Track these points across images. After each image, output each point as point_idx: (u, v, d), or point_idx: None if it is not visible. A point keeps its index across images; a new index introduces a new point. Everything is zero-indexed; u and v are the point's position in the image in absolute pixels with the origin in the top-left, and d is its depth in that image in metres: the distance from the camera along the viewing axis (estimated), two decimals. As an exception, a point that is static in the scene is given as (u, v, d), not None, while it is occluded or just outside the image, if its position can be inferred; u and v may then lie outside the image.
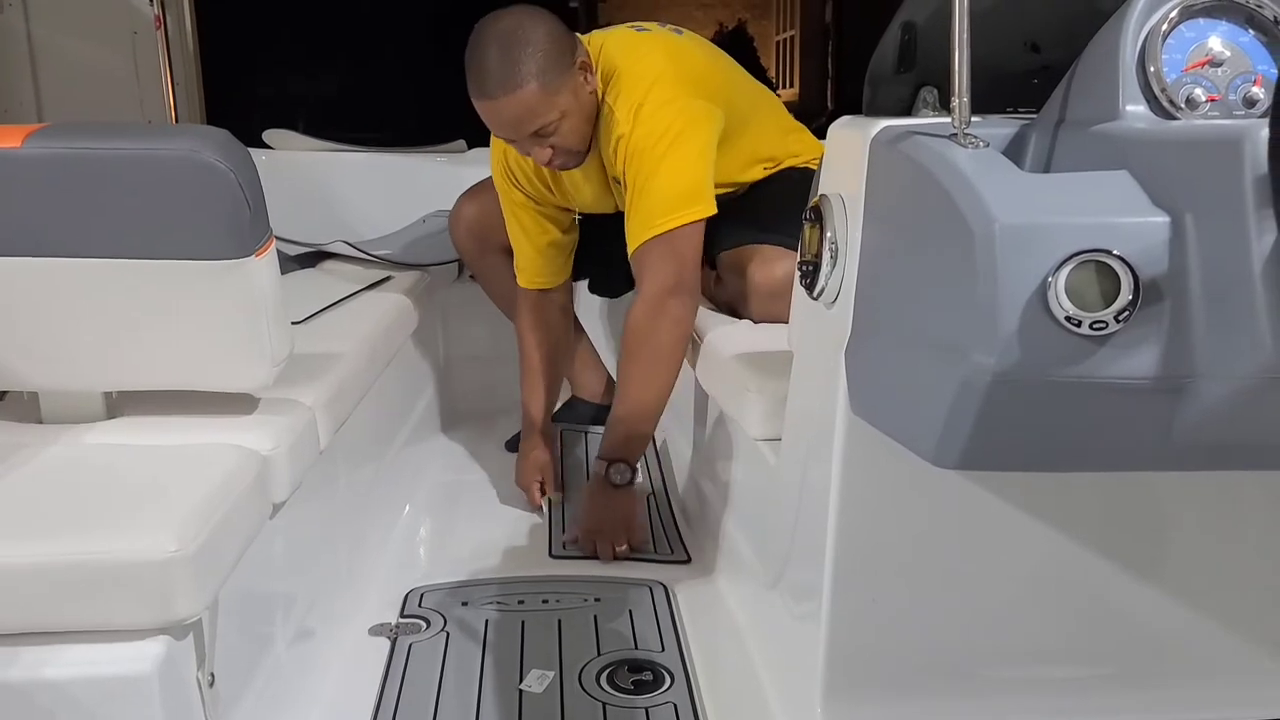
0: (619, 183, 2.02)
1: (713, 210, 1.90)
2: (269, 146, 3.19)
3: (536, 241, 2.23)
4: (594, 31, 2.11)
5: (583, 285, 2.52)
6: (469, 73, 1.86)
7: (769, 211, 2.04)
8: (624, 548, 1.97)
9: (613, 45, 2.00)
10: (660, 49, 2.00)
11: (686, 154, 1.88)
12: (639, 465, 2.09)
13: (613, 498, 1.99)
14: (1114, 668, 1.28)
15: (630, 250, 1.92)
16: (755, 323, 1.99)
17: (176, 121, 3.30)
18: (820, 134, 2.16)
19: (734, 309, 2.04)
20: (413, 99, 4.32)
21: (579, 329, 2.55)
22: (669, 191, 1.87)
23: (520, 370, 2.34)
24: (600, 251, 2.32)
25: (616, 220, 2.19)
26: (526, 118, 1.87)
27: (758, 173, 2.12)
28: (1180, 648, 1.27)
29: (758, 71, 2.24)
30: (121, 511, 1.18)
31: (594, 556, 1.97)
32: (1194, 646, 1.26)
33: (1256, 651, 1.26)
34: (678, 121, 1.88)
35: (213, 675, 1.20)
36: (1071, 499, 1.21)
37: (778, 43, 11.71)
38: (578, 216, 2.24)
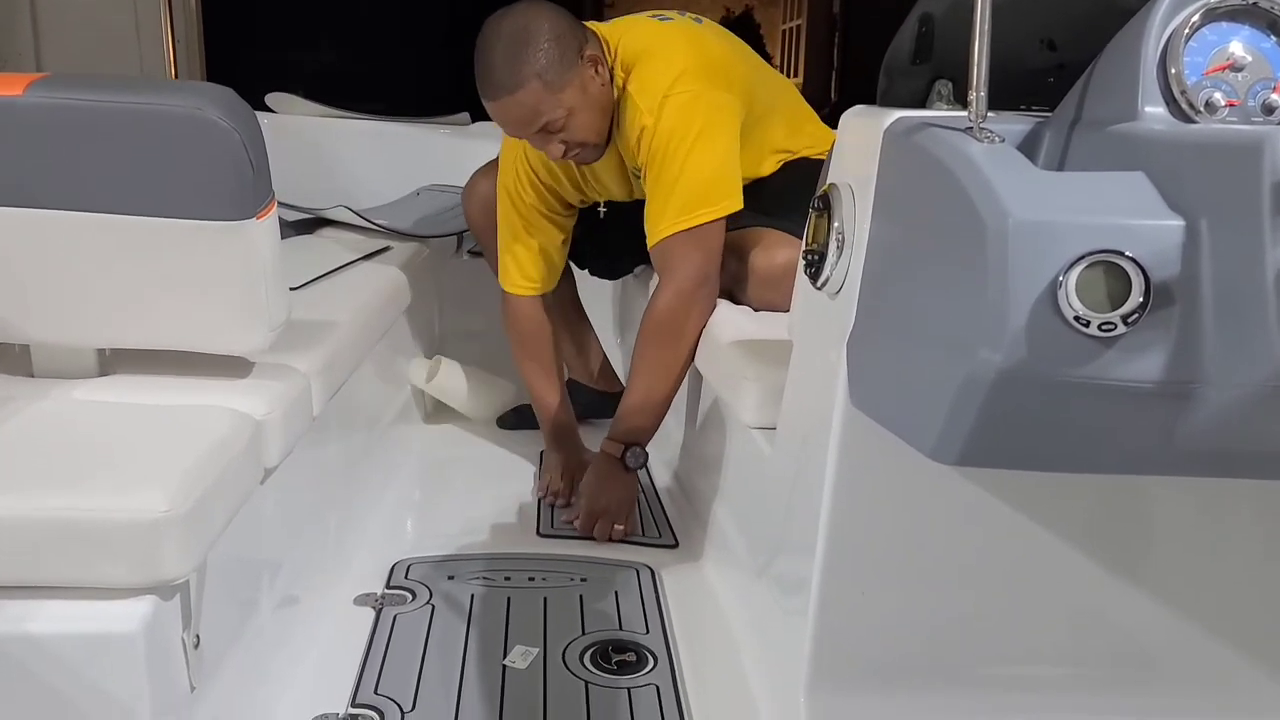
0: (639, 175, 2.01)
1: (739, 205, 1.91)
2: (271, 110, 3.16)
3: (535, 244, 2.18)
4: (616, 20, 2.09)
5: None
6: (476, 74, 1.88)
7: (774, 197, 2.03)
8: (621, 528, 1.98)
9: (635, 34, 1.99)
10: (684, 40, 1.98)
11: (714, 149, 1.89)
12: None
13: (622, 480, 2.01)
14: (1101, 669, 1.28)
15: (653, 241, 1.93)
16: (753, 309, 1.99)
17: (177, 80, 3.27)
18: (830, 124, 2.15)
19: (732, 294, 2.03)
20: (416, 70, 4.29)
21: (583, 315, 2.54)
22: (697, 185, 1.88)
23: (526, 377, 2.29)
24: (601, 240, 2.31)
25: (621, 209, 2.17)
26: (530, 117, 1.88)
27: (772, 165, 2.11)
28: (1168, 652, 1.27)
29: (764, 59, 2.23)
30: (112, 470, 1.17)
31: (589, 536, 1.97)
32: (1181, 651, 1.27)
33: (1245, 658, 1.26)
34: (702, 116, 1.88)
35: (198, 637, 1.20)
36: (1067, 500, 1.21)
37: (783, 31, 11.65)
38: (580, 205, 2.22)
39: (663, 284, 1.94)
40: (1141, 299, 0.85)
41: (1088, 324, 0.86)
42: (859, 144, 1.18)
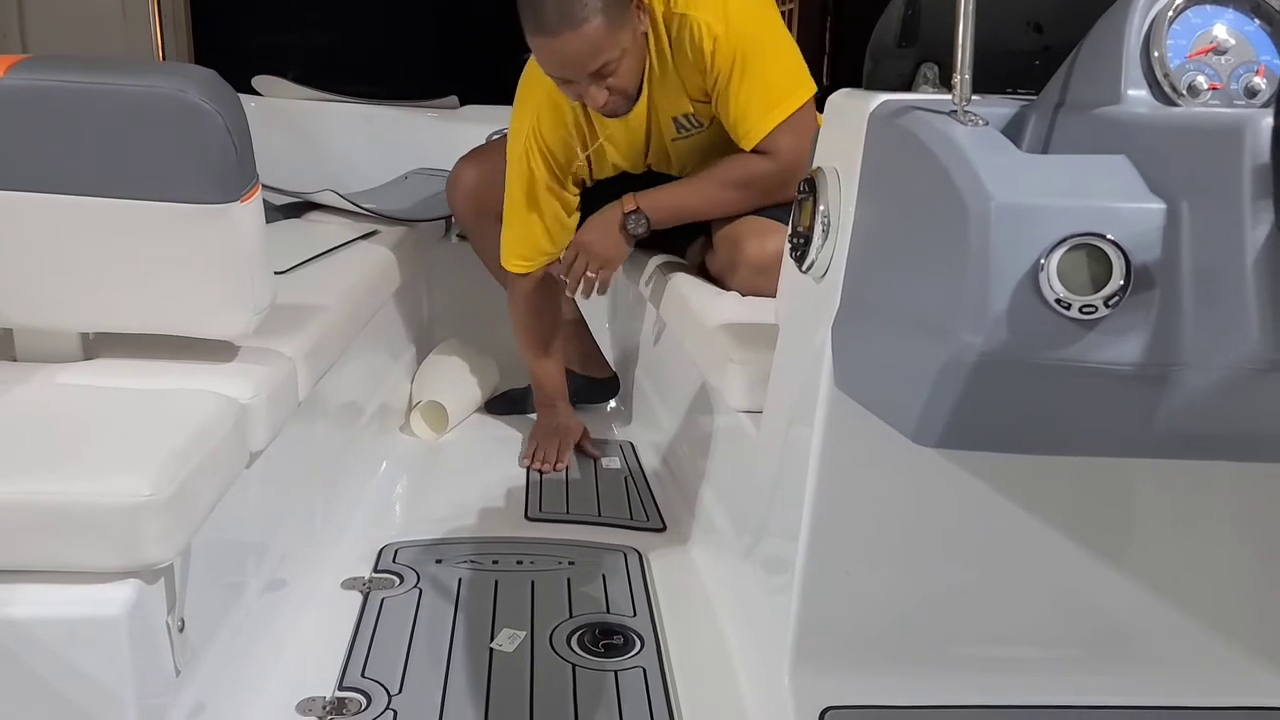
0: (684, 126, 2.03)
1: (814, 86, 1.97)
2: (257, 93, 3.14)
3: (548, 216, 2.15)
4: None
5: None
6: (525, 6, 1.78)
7: None
8: (595, 275, 2.09)
9: None
10: None
11: (784, 36, 1.98)
12: (618, 452, 2.18)
13: (614, 232, 2.05)
14: (1081, 650, 1.29)
15: (754, 140, 1.96)
16: (742, 295, 1.99)
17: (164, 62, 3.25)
18: (817, 107, 2.16)
19: (722, 280, 2.03)
20: (406, 54, 4.26)
21: (571, 301, 2.54)
22: (782, 75, 1.95)
23: (528, 351, 2.33)
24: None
25: (621, 185, 2.17)
26: (590, 55, 1.80)
27: None
28: (1145, 633, 1.28)
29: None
30: (95, 453, 1.17)
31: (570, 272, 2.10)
32: (1158, 633, 1.28)
33: (1219, 640, 1.27)
34: (759, 9, 1.94)
35: (183, 621, 1.20)
36: (1047, 483, 1.22)
37: (776, 15, 11.60)
38: (584, 184, 2.20)
39: (766, 157, 1.96)
40: (1122, 282, 0.86)
41: (1069, 307, 0.86)
42: (845, 127, 1.18)
